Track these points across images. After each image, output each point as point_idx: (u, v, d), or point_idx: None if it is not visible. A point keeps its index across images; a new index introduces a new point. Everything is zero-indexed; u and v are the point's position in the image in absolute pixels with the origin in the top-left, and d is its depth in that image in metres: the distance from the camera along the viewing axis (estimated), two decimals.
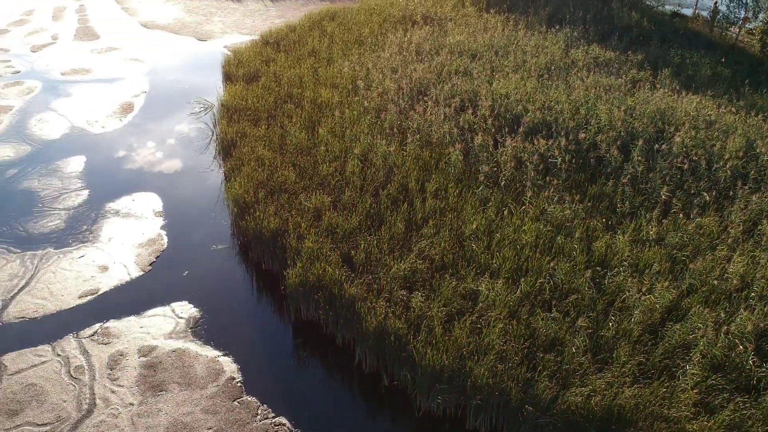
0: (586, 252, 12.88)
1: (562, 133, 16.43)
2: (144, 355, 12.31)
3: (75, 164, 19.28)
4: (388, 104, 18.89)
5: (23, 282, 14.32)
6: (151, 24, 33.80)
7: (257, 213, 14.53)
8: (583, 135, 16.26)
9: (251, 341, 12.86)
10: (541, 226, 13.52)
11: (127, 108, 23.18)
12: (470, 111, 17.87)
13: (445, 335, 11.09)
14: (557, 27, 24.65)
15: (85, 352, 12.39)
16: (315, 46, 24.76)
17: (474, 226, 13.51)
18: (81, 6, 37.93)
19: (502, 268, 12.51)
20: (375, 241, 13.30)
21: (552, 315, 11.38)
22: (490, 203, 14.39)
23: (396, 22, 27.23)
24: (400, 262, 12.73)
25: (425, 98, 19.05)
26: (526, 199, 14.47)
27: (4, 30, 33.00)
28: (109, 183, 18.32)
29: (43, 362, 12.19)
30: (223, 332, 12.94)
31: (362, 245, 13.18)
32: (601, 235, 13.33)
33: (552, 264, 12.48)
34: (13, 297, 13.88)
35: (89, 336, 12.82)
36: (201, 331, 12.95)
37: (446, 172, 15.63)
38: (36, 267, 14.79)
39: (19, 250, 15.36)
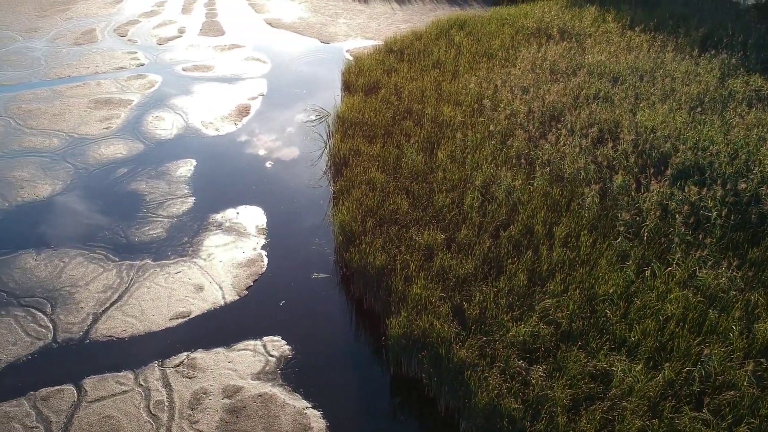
0: (745, 335, 10.73)
1: (718, 181, 14.18)
2: (228, 397, 11.23)
3: (184, 168, 18.69)
4: (516, 129, 17.16)
5: (116, 295, 13.65)
6: (276, 22, 33.38)
7: (363, 245, 13.21)
8: (743, 185, 13.93)
9: (344, 393, 11.51)
10: (690, 295, 11.44)
11: (243, 111, 22.53)
12: (610, 144, 15.88)
13: (569, 425, 9.34)
14: (712, 51, 21.96)
15: (167, 386, 11.45)
16: (440, 56, 23.28)
17: (610, 288, 11.61)
18: None
19: (641, 344, 10.57)
20: (492, 294, 11.66)
21: (702, 415, 9.39)
22: (630, 260, 12.42)
23: (529, 34, 25.34)
24: (520, 323, 11.04)
25: (558, 125, 17.15)
26: (672, 259, 12.39)
27: (134, 21, 33.52)
28: (215, 191, 17.57)
29: (123, 392, 11.35)
30: (314, 378, 11.69)
31: (477, 297, 11.57)
32: (764, 315, 11.11)
33: (703, 348, 10.42)
34: (104, 311, 13.21)
35: (174, 366, 11.89)
36: (291, 374, 11.75)
37: (579, 215, 13.76)
38: (131, 280, 14.11)
39: (117, 259, 14.77)
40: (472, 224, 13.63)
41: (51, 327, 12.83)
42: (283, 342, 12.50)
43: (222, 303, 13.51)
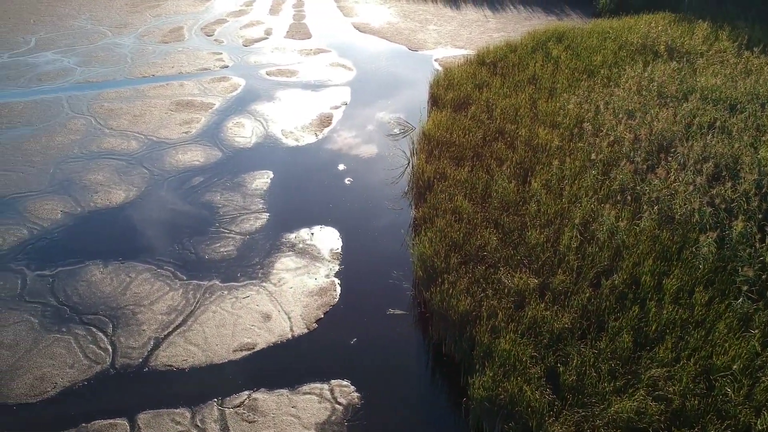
0: None
1: None
2: None
3: (261, 180, 17.88)
4: (621, 159, 15.53)
5: (180, 319, 12.85)
6: (365, 27, 32.46)
7: (445, 285, 11.95)
8: None
9: None
10: None
11: (324, 121, 21.63)
12: (728, 183, 14.09)
13: None
14: None
15: (225, 429, 10.49)
16: (536, 71, 21.76)
17: (731, 360, 9.97)
18: (299, 0, 37.63)
19: None
20: (591, 357, 10.21)
21: None
22: (755, 326, 10.73)
23: (634, 51, 23.48)
24: (624, 395, 9.57)
25: (668, 157, 15.44)
26: None
27: (222, 20, 33.26)
28: (290, 208, 16.67)
29: None
30: None
31: (575, 360, 10.15)
32: None
33: None
34: (166, 336, 12.42)
35: (234, 407, 10.93)
36: (359, 427, 10.59)
37: (692, 266, 12.10)
38: (197, 302, 13.30)
39: (185, 278, 14.00)
40: (569, 269, 12.18)
41: (110, 350, 12.12)
42: (353, 388, 11.36)
43: (289, 336, 12.51)
